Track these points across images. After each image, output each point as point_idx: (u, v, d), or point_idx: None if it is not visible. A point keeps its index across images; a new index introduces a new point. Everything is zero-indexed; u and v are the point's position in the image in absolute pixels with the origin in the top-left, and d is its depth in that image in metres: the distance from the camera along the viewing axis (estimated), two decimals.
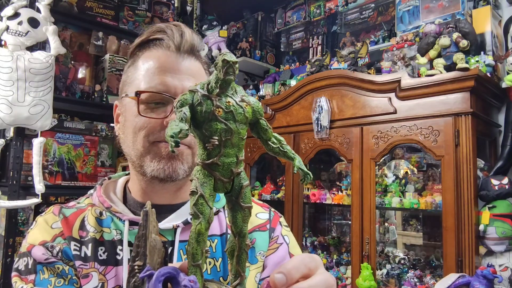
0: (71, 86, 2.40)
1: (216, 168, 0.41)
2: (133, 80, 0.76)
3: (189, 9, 3.19)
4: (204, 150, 0.42)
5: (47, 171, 2.20)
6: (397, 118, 1.81)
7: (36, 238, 0.73)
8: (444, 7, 1.99)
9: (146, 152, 0.73)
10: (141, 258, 0.40)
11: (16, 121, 1.95)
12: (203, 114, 0.41)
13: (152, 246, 0.40)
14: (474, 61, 1.64)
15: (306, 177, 0.45)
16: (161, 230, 0.73)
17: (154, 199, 0.77)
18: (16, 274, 0.71)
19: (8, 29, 1.96)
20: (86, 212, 0.77)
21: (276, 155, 0.46)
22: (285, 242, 0.83)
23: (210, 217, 0.40)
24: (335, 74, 2.06)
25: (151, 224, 0.41)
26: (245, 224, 0.44)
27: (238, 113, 0.42)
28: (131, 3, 2.77)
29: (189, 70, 0.75)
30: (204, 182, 0.41)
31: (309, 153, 2.15)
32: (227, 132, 0.41)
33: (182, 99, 0.42)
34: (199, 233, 0.40)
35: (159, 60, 0.74)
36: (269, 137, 0.46)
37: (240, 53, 2.86)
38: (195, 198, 0.40)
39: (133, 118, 0.74)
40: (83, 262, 0.71)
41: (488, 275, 1.40)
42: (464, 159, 1.60)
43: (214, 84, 0.42)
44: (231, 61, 0.40)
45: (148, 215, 0.41)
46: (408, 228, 2.22)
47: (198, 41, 0.78)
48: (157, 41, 0.76)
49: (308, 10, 2.83)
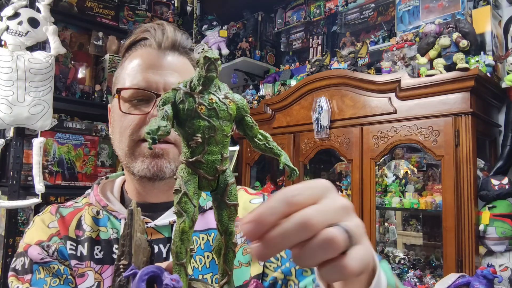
0: (71, 86, 2.40)
1: (200, 165, 0.41)
2: (119, 81, 0.78)
3: (189, 9, 3.19)
4: (187, 148, 0.41)
5: (47, 171, 2.20)
6: (397, 118, 1.80)
7: (33, 237, 0.74)
8: (444, 7, 1.99)
9: (132, 151, 0.73)
10: (126, 257, 0.39)
11: (16, 121, 1.95)
12: (185, 112, 0.41)
13: (137, 245, 0.40)
14: (474, 61, 1.64)
15: (293, 173, 0.44)
16: (158, 227, 0.73)
17: (149, 198, 0.78)
18: (13, 274, 0.72)
19: (8, 29, 1.96)
20: (83, 212, 0.77)
21: (262, 152, 0.46)
22: None
23: (194, 215, 0.40)
24: (335, 74, 2.06)
25: (136, 223, 0.41)
26: (231, 222, 0.43)
27: (221, 110, 0.41)
28: (131, 3, 2.77)
29: (172, 66, 0.75)
30: (188, 180, 0.40)
31: (309, 153, 2.15)
32: (210, 129, 0.41)
33: (164, 97, 0.41)
34: (183, 232, 0.39)
35: (142, 58, 0.75)
36: (255, 133, 0.45)
37: (240, 53, 2.86)
38: (179, 196, 0.39)
39: (119, 118, 0.75)
40: (79, 261, 0.72)
41: (488, 275, 1.40)
42: (464, 159, 1.60)
43: (196, 81, 0.41)
44: (212, 58, 0.40)
45: (133, 214, 0.41)
46: (408, 228, 2.22)
47: (182, 37, 0.78)
48: (142, 41, 0.78)
49: (308, 10, 2.83)
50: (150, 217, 0.75)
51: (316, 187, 0.36)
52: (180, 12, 3.23)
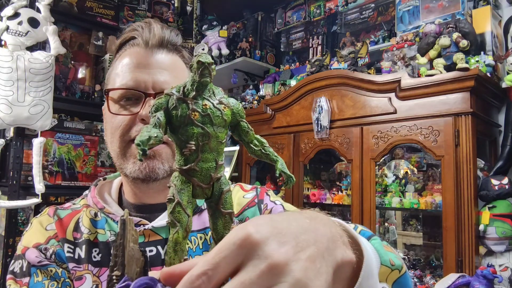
0: (71, 86, 2.40)
1: (194, 174, 0.40)
2: (109, 81, 0.77)
3: (189, 9, 3.19)
4: (181, 156, 0.40)
5: (47, 171, 2.20)
6: (397, 118, 1.80)
7: (30, 240, 0.73)
8: (444, 7, 1.99)
9: (123, 152, 0.72)
10: (119, 268, 0.38)
11: (16, 121, 1.95)
12: (178, 119, 0.39)
13: (130, 255, 0.39)
14: (474, 61, 1.64)
15: (289, 180, 0.43)
16: (155, 228, 0.73)
17: (145, 199, 0.77)
18: (11, 276, 0.71)
19: (8, 29, 1.96)
20: (81, 213, 0.77)
21: (258, 158, 0.44)
22: (276, 204, 0.79)
23: (188, 225, 0.39)
24: (335, 74, 2.06)
25: (129, 233, 0.39)
26: (226, 231, 0.42)
27: (215, 116, 0.40)
28: (131, 3, 2.77)
29: (161, 64, 0.74)
30: (181, 189, 0.39)
31: (309, 153, 2.15)
32: (204, 136, 0.39)
33: (157, 103, 0.40)
34: (176, 242, 0.38)
35: (130, 57, 0.74)
36: (251, 139, 0.44)
37: (240, 53, 2.86)
38: (172, 205, 0.38)
39: (110, 119, 0.74)
40: (77, 264, 0.71)
41: (488, 275, 1.40)
42: (464, 159, 1.59)
43: (190, 86, 0.40)
44: (206, 62, 0.38)
45: (126, 224, 0.40)
46: (408, 228, 2.22)
47: (170, 34, 0.77)
48: (131, 41, 0.77)
49: (308, 10, 2.83)
50: (148, 219, 0.74)
51: (230, 256, 0.29)
52: (180, 12, 3.22)
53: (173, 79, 0.74)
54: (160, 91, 0.72)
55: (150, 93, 0.72)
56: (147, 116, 0.69)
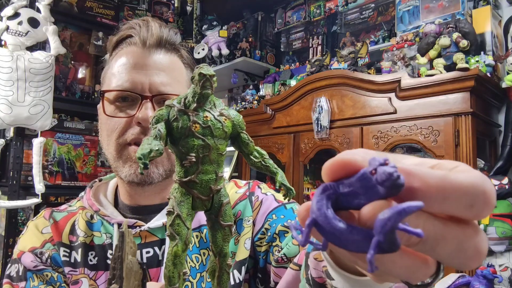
0: (71, 86, 2.40)
1: (194, 186, 0.40)
2: (105, 81, 0.76)
3: (189, 9, 3.19)
4: (181, 167, 0.40)
5: (47, 171, 2.20)
6: (397, 118, 1.80)
7: (26, 244, 0.73)
8: (444, 7, 1.98)
9: (119, 155, 0.71)
10: (117, 281, 0.38)
11: (16, 121, 1.95)
12: (179, 130, 0.39)
13: (128, 268, 0.38)
14: (474, 61, 1.64)
15: (289, 192, 0.43)
16: (151, 229, 0.72)
17: (140, 201, 0.76)
18: (8, 281, 0.71)
19: (8, 29, 1.96)
20: (77, 216, 0.76)
21: (258, 170, 0.44)
22: (267, 195, 0.78)
23: (188, 238, 0.39)
24: (335, 74, 2.06)
25: (127, 245, 0.39)
26: (226, 244, 0.42)
27: (216, 128, 0.40)
28: (131, 3, 2.77)
29: (158, 65, 0.72)
30: (181, 201, 0.39)
31: (309, 153, 2.15)
32: (204, 148, 0.39)
33: (157, 114, 0.40)
34: (176, 256, 0.38)
35: (127, 57, 0.72)
36: (251, 151, 0.44)
37: (240, 53, 2.85)
38: (172, 218, 0.38)
39: (105, 121, 0.73)
40: (73, 268, 0.71)
41: (488, 275, 1.40)
42: (464, 159, 1.59)
43: (191, 98, 0.40)
44: (207, 75, 0.38)
45: (124, 236, 0.39)
46: None
47: (169, 33, 0.75)
48: (128, 39, 0.75)
49: (308, 10, 2.83)
50: (143, 220, 0.74)
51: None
52: (180, 12, 3.22)
53: (171, 80, 0.72)
54: (157, 93, 0.70)
55: (147, 95, 0.70)
56: (143, 119, 0.68)
